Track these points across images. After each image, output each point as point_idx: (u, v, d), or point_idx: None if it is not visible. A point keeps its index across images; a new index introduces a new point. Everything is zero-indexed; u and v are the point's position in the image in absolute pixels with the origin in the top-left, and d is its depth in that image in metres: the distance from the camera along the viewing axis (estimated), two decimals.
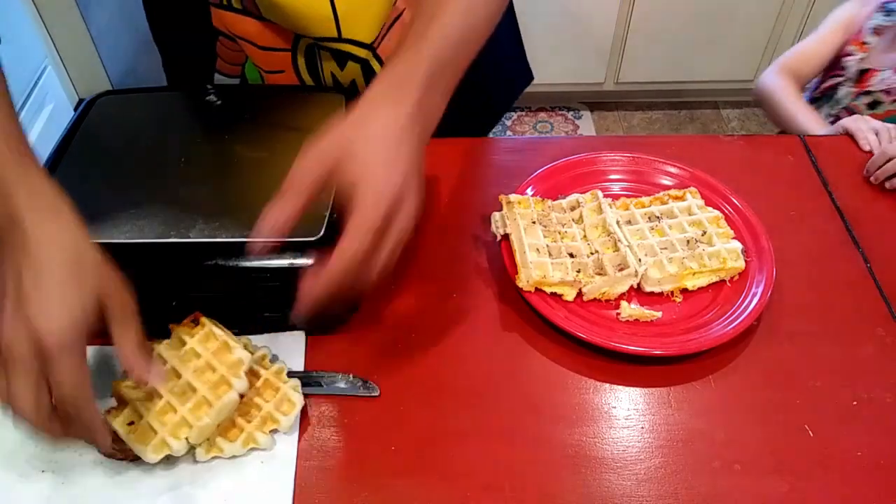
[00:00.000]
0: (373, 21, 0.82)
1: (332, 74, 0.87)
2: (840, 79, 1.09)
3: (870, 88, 1.06)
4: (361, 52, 0.84)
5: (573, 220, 0.77)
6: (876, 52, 1.02)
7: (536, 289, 0.70)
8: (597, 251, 0.73)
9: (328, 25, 0.80)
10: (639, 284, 0.73)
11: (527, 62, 1.07)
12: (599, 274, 0.71)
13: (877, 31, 1.00)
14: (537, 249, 0.72)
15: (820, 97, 1.16)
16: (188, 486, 0.58)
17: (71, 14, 2.02)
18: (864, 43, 1.02)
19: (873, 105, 1.09)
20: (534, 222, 0.73)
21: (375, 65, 0.87)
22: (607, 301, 0.72)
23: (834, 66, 1.10)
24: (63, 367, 0.45)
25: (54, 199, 0.50)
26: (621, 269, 0.71)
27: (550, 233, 0.74)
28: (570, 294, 0.71)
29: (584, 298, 0.71)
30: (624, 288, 0.72)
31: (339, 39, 0.82)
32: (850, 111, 1.12)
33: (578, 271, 0.71)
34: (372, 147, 0.52)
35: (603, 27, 2.29)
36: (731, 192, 0.81)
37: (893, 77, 1.03)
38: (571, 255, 0.73)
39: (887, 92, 1.06)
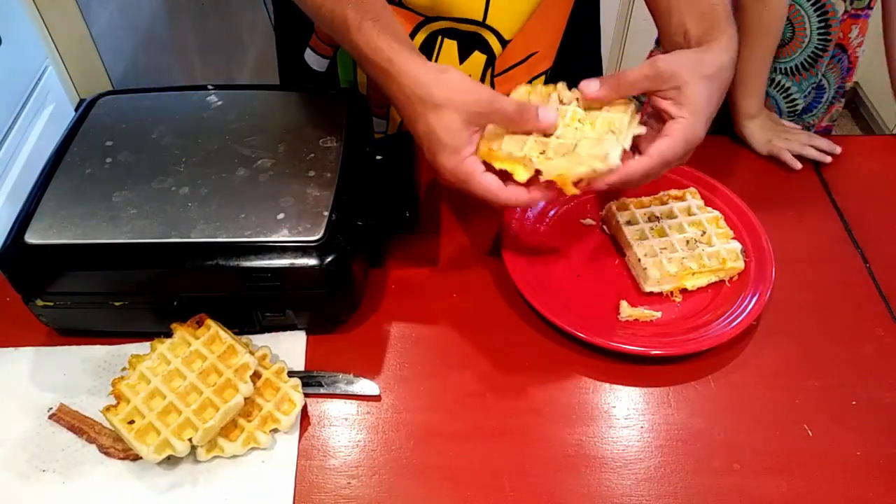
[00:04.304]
0: (519, 15, 0.80)
1: None
2: None
3: None
4: (496, 46, 0.81)
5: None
6: None
7: (488, 164, 0.63)
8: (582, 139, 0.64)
9: (476, 6, 0.77)
10: (638, 285, 0.73)
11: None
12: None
13: None
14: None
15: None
16: (189, 485, 0.58)
17: (71, 14, 2.02)
18: None
19: None
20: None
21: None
22: (562, 190, 0.62)
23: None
24: (470, 184, 0.63)
25: (425, 79, 0.63)
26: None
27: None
28: (521, 175, 0.62)
29: (542, 178, 0.62)
30: (584, 170, 0.61)
31: (481, 24, 0.79)
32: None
33: (543, 152, 0.62)
34: (699, 90, 0.63)
35: (603, 27, 2.29)
36: (731, 192, 0.81)
37: None
38: (546, 135, 0.64)
39: None
